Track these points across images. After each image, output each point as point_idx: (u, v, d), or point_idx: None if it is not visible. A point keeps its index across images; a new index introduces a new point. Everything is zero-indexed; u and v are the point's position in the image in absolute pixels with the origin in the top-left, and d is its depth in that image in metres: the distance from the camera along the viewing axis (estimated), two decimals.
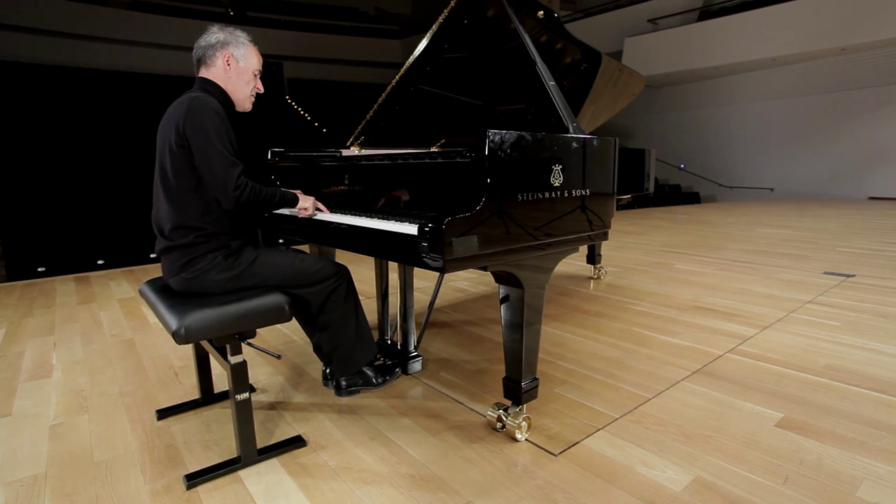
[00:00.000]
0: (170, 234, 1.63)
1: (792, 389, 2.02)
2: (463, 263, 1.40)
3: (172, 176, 1.60)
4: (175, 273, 1.65)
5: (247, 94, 1.78)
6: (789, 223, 7.25)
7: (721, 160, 13.82)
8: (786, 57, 11.01)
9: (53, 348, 2.72)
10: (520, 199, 1.51)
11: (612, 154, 1.88)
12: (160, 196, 1.65)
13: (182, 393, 2.12)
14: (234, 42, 1.73)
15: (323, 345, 1.91)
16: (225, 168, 1.55)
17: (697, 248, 5.30)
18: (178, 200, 1.60)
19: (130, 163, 8.33)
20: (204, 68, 1.73)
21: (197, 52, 1.73)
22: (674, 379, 2.15)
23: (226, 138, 1.58)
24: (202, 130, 1.54)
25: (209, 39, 1.71)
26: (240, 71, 1.74)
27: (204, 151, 1.54)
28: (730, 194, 13.63)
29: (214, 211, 1.63)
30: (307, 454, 1.64)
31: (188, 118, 1.55)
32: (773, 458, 1.57)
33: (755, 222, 7.47)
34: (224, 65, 1.71)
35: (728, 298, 3.34)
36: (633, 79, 3.31)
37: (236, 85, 1.74)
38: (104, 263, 5.43)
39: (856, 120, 11.59)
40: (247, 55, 1.75)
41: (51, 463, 1.65)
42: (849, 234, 6.03)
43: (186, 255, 1.62)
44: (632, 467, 1.54)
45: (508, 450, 1.64)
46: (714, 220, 8.02)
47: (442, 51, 2.30)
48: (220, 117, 1.60)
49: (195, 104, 1.57)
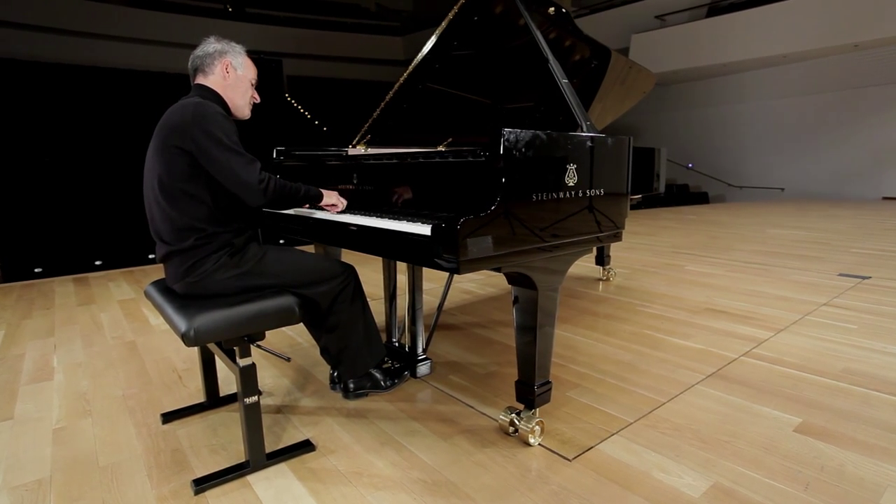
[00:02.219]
0: (169, 239, 1.63)
1: (810, 394, 2.02)
2: (477, 264, 1.40)
3: (168, 179, 1.60)
4: (179, 278, 1.65)
5: (245, 102, 1.82)
6: (801, 224, 7.24)
7: (730, 159, 13.80)
8: (797, 54, 10.99)
9: (54, 350, 2.73)
10: (534, 199, 1.51)
11: (627, 153, 1.88)
12: (154, 202, 1.65)
13: (186, 396, 2.13)
14: (232, 51, 1.78)
15: (330, 347, 1.91)
16: (245, 167, 1.58)
17: (708, 250, 5.29)
18: (174, 204, 1.61)
19: (128, 162, 8.33)
20: (202, 76, 1.76)
21: (194, 61, 1.76)
22: (688, 383, 2.14)
23: (236, 139, 1.62)
24: (213, 136, 1.56)
25: (207, 49, 1.75)
26: (238, 79, 1.78)
27: (220, 156, 1.56)
28: (739, 194, 13.61)
29: (213, 211, 1.63)
30: (316, 459, 1.64)
31: (196, 124, 1.56)
32: (793, 463, 1.56)
33: (766, 223, 7.46)
34: (223, 72, 1.75)
35: (741, 300, 3.34)
36: (641, 76, 3.31)
37: (234, 92, 1.78)
38: (102, 264, 5.45)
39: (869, 118, 11.56)
40: (244, 65, 1.80)
41: (55, 467, 1.65)
42: (863, 235, 6.02)
43: (189, 258, 1.63)
44: (648, 473, 1.54)
45: (522, 455, 1.65)
46: (724, 220, 8.01)
47: (451, 48, 2.30)
48: (227, 119, 1.64)
49: (201, 109, 1.59)
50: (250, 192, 1.60)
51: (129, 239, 6.13)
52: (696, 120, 14.35)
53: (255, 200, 1.62)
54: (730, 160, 13.81)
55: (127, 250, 5.72)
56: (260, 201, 1.62)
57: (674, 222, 7.87)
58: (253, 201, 1.62)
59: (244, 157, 1.60)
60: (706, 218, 8.43)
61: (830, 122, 12.04)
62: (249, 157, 1.61)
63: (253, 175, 1.59)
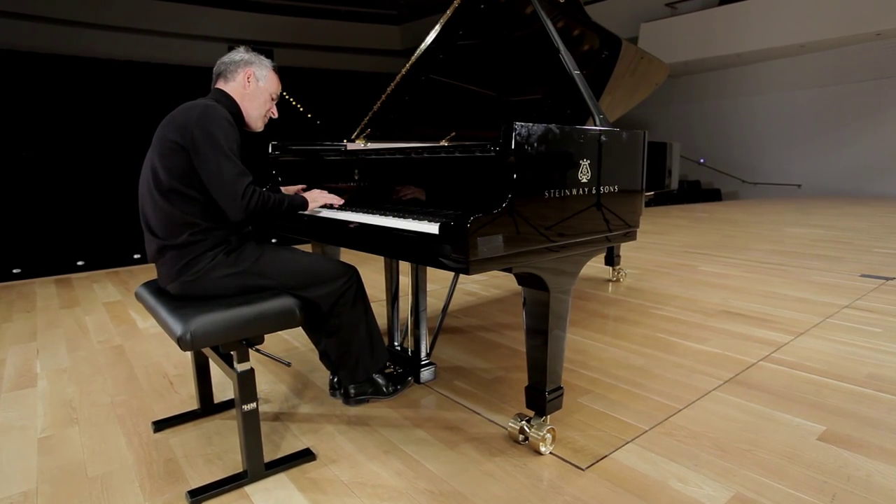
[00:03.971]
0: (162, 234, 1.66)
1: (833, 400, 2.03)
2: (487, 265, 1.41)
3: (164, 175, 1.63)
4: (173, 277, 1.66)
5: (260, 114, 1.88)
6: (820, 222, 7.26)
7: (744, 155, 13.82)
8: (815, 43, 11.01)
9: (37, 356, 2.73)
10: (547, 196, 1.52)
11: (641, 148, 1.89)
12: (147, 194, 1.69)
13: (178, 403, 2.13)
14: (258, 63, 1.85)
15: (331, 351, 1.92)
16: (234, 177, 1.61)
17: (722, 249, 5.31)
18: (168, 199, 1.63)
19: (112, 157, 8.34)
20: (223, 81, 1.83)
21: (219, 66, 1.84)
22: (705, 388, 2.15)
23: (235, 148, 1.65)
24: (212, 137, 1.60)
25: (234, 57, 1.83)
26: (258, 90, 1.84)
27: (213, 159, 1.59)
28: (753, 191, 13.64)
29: (207, 207, 1.65)
30: (317, 468, 1.65)
31: (199, 123, 1.60)
32: (818, 473, 1.57)
33: (783, 221, 7.48)
34: (244, 80, 1.82)
35: (758, 303, 3.35)
36: (653, 67, 3.30)
37: (252, 103, 1.84)
38: (85, 265, 5.44)
39: (891, 111, 11.57)
40: (268, 77, 1.86)
41: (42, 478, 1.65)
42: (886, 234, 6.04)
43: (184, 256, 1.64)
44: (666, 483, 1.55)
45: (532, 464, 1.65)
46: (738, 218, 8.03)
47: (456, 37, 2.30)
48: (232, 127, 1.68)
49: (209, 111, 1.64)
50: (232, 204, 1.62)
51: (114, 238, 6.13)
52: (707, 113, 14.37)
53: (234, 213, 1.63)
54: (743, 155, 13.83)
55: (111, 250, 5.71)
56: (238, 216, 1.64)
57: (685, 220, 7.88)
58: (232, 214, 1.64)
59: (236, 167, 1.62)
60: (719, 216, 8.45)
61: (850, 116, 12.05)
62: (241, 169, 1.64)
63: (238, 187, 1.61)
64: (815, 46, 11.33)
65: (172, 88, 10.63)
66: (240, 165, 1.63)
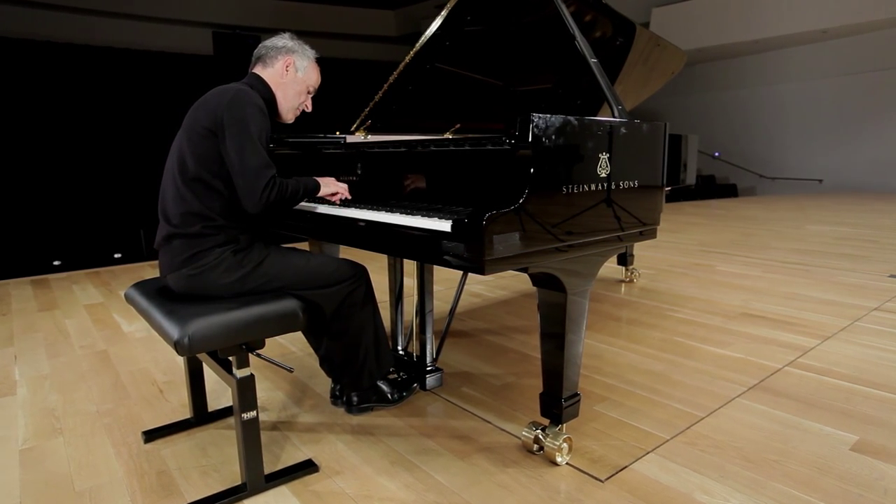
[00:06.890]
0: (176, 222, 1.68)
1: (865, 408, 2.04)
2: (503, 264, 1.42)
3: (192, 161, 1.67)
4: (177, 267, 1.68)
5: (293, 105, 1.92)
6: (844, 219, 7.29)
7: (762, 148, 13.85)
8: (838, 29, 11.04)
9: (14, 362, 2.73)
10: (565, 191, 1.52)
11: (662, 141, 1.90)
12: (171, 181, 1.72)
13: (169, 412, 2.13)
14: (301, 52, 1.90)
15: (333, 355, 1.92)
16: (258, 168, 1.62)
17: (740, 248, 5.33)
18: (192, 187, 1.67)
19: (91, 151, 8.32)
20: (261, 66, 1.86)
21: (260, 50, 1.88)
22: (728, 395, 2.17)
23: (265, 137, 1.68)
24: (241, 122, 1.62)
25: (276, 42, 1.87)
26: (296, 80, 1.88)
27: (240, 144, 1.62)
28: (772, 186, 13.67)
29: (228, 204, 1.68)
30: (321, 481, 1.66)
31: (230, 106, 1.64)
32: (852, 486, 1.58)
33: (804, 218, 7.51)
34: (283, 68, 1.86)
35: (781, 305, 3.37)
36: (667, 54, 3.27)
37: (287, 92, 1.88)
38: (62, 265, 5.43)
39: None
40: (308, 68, 1.91)
41: (25, 493, 1.66)
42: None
43: (192, 246, 1.67)
44: (690, 495, 1.56)
45: (548, 475, 1.66)
46: (756, 215, 8.05)
47: (463, 23, 2.31)
48: (263, 114, 1.70)
49: (242, 95, 1.67)
50: (251, 195, 1.62)
51: (92, 236, 6.12)
52: (722, 103, 14.38)
53: (251, 205, 1.64)
54: (761, 148, 13.86)
55: (90, 249, 5.70)
56: (256, 209, 1.64)
57: (700, 217, 7.91)
58: (249, 205, 1.64)
59: (261, 158, 1.63)
60: (737, 213, 8.48)
61: (875, 106, 12.07)
62: (267, 161, 1.65)
63: (260, 179, 1.61)
64: (838, 32, 11.35)
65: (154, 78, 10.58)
66: (265, 156, 1.65)
